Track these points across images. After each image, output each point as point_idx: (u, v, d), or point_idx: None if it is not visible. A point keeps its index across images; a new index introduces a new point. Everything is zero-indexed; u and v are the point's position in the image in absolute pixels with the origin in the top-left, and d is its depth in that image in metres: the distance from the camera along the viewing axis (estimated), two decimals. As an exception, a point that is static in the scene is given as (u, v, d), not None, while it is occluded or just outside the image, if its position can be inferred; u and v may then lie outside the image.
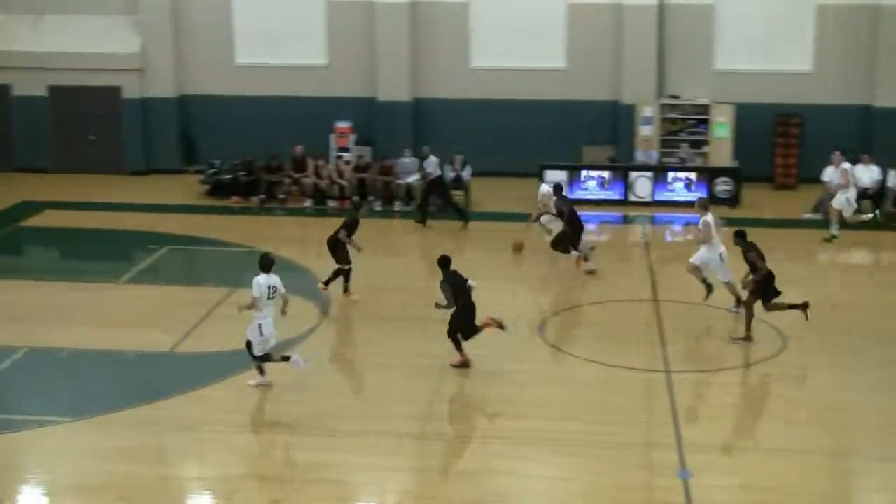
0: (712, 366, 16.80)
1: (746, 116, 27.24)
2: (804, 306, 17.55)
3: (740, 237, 17.61)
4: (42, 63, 29.08)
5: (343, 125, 28.40)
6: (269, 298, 15.30)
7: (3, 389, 16.26)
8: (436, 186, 25.19)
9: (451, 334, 16.28)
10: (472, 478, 13.27)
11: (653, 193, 26.49)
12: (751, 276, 17.30)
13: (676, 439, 14.01)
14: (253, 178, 26.80)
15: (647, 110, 27.57)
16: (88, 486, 13.06)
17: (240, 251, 22.67)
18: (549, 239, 21.48)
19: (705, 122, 27.57)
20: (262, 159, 26.88)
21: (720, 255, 18.43)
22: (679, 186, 26.48)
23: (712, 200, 22.82)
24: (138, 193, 27.45)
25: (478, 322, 16.36)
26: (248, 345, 15.44)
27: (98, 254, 22.54)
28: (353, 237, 19.52)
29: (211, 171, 27.65)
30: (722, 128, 27.41)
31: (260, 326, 15.27)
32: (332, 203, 26.21)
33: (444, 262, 16.64)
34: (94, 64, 29.02)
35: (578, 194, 26.07)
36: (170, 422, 14.69)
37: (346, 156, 27.54)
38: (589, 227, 22.84)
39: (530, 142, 28.26)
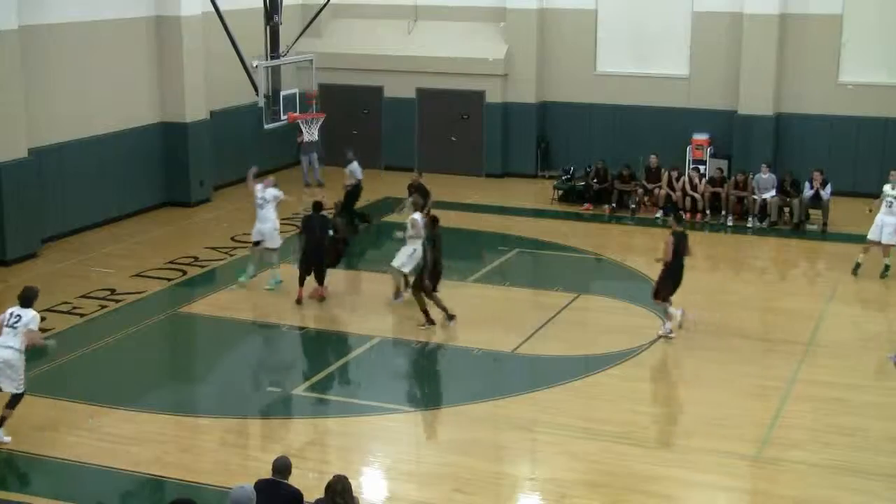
0: None
1: None
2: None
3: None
4: (412, 66, 30.48)
5: (700, 137, 27.98)
6: (7, 325, 14.08)
7: (355, 375, 17.17)
8: (350, 195, 24.43)
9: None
10: (808, 508, 12.77)
11: None
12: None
13: None
14: (605, 185, 26.88)
15: None
16: (426, 475, 13.54)
17: (587, 258, 22.82)
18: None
19: None
20: (616, 167, 26.93)
21: (413, 250, 19.08)
22: None
23: None
24: (493, 196, 28.19)
25: None
26: None
27: (450, 252, 23.18)
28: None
29: (564, 177, 28.00)
30: None
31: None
32: (683, 215, 25.80)
33: (316, 206, 19.78)
34: (460, 68, 30.07)
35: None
36: (507, 420, 15.00)
37: (702, 168, 27.09)
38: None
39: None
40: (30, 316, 14.14)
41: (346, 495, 9.67)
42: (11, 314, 14.16)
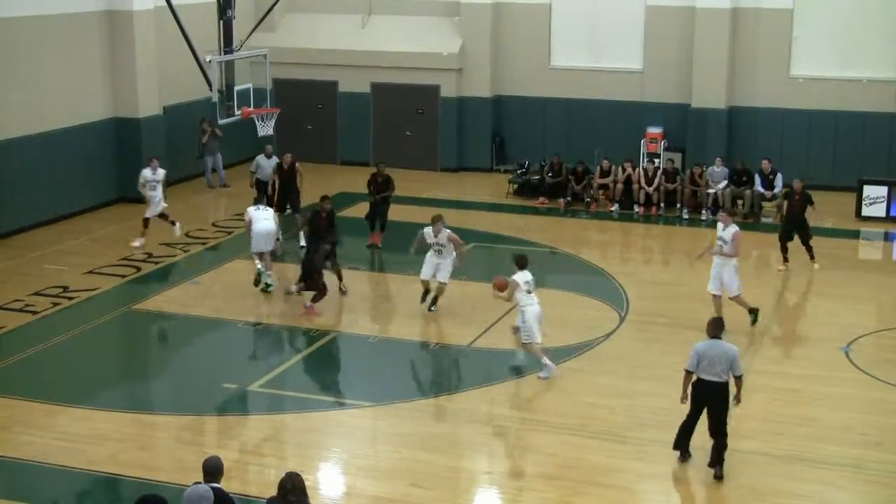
0: None
1: None
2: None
3: None
4: (367, 61, 30.41)
5: (654, 131, 28.12)
6: None
7: (311, 371, 17.14)
8: None
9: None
10: (764, 498, 12.86)
11: None
12: None
13: None
14: (560, 179, 26.96)
15: None
16: (383, 469, 13.53)
17: (542, 251, 22.86)
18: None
19: None
20: (571, 161, 27.01)
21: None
22: None
23: None
24: (448, 190, 28.20)
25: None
26: None
27: (405, 246, 23.26)
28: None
29: (520, 171, 28.06)
30: None
31: None
32: (638, 209, 25.96)
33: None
34: (415, 63, 30.03)
35: (900, 214, 24.76)
36: (464, 414, 15.02)
37: (657, 161, 27.24)
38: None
39: (851, 155, 27.05)
40: None
41: (298, 493, 9.63)
42: None
